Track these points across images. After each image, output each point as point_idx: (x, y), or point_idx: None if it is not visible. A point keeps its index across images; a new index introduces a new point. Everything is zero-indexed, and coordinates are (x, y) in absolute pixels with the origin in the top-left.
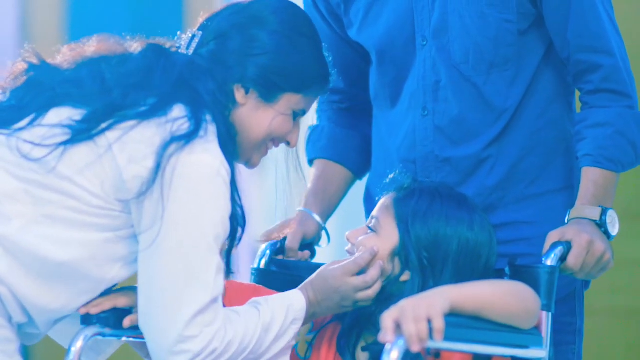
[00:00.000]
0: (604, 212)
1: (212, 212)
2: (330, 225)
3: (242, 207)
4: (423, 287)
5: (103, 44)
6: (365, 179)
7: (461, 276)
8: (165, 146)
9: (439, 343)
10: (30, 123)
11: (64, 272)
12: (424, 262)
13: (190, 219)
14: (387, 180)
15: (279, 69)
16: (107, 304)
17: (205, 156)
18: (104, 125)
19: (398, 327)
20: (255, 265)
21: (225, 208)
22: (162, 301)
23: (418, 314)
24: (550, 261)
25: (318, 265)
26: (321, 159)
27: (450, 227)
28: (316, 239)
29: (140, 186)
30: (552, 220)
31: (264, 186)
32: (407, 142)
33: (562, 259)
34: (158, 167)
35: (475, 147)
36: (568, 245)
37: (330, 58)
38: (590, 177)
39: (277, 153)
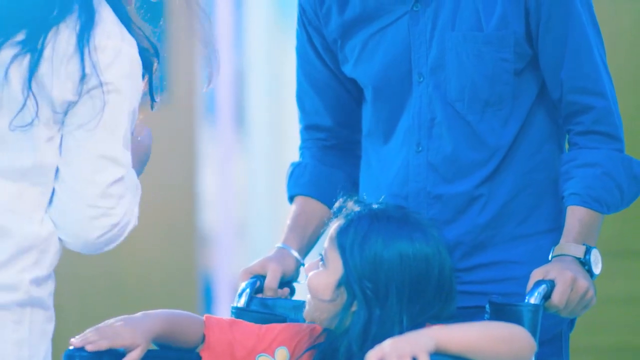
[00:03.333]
0: (588, 251)
1: (133, 93)
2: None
3: (149, 40)
4: (369, 317)
5: None
6: None
7: (413, 294)
8: (80, 51)
9: None
10: None
11: None
12: (366, 292)
13: (116, 104)
14: (334, 208)
15: None
16: (105, 343)
17: (112, 49)
18: (40, 42)
19: None
20: (235, 304)
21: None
22: (80, 171)
23: (402, 351)
24: (533, 299)
25: (298, 303)
26: (303, 196)
27: (388, 249)
28: (295, 276)
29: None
30: (541, 261)
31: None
32: (399, 178)
33: (546, 297)
34: (84, 73)
35: (467, 184)
36: (551, 284)
37: None
38: (577, 215)
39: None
